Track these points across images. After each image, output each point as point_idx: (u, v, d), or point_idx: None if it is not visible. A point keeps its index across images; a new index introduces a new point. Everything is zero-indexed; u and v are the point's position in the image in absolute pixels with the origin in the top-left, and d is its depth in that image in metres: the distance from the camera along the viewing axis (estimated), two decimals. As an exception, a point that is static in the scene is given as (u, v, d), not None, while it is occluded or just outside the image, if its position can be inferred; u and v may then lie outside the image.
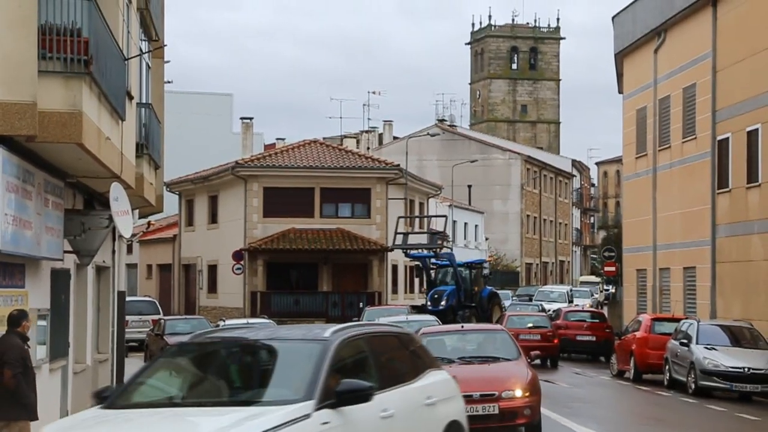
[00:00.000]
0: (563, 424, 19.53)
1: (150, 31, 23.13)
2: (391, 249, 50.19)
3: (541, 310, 45.65)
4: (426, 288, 47.07)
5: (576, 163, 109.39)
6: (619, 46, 43.00)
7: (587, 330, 39.27)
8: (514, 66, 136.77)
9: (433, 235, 48.72)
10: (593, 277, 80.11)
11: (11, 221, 13.44)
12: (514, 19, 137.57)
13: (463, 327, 21.51)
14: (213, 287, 56.72)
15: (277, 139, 73.50)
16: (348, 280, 52.61)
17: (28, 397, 12.90)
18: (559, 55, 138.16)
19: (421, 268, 46.89)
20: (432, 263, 46.34)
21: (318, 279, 52.59)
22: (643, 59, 40.49)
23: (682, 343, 27.11)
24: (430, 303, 43.59)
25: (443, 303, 43.03)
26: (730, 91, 32.82)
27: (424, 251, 47.25)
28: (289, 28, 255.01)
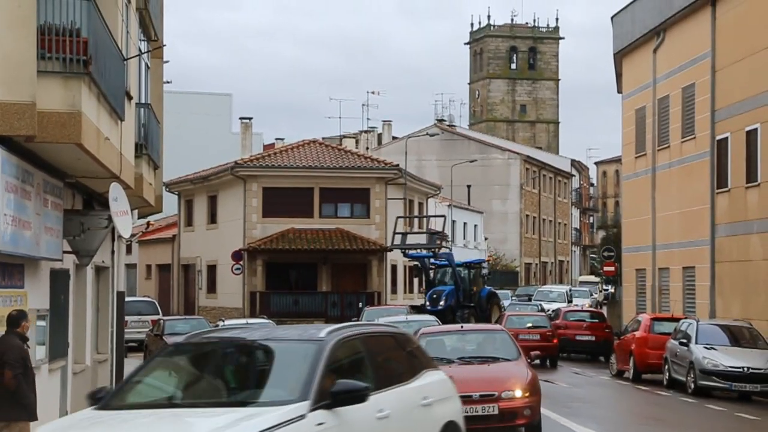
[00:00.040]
0: (563, 424, 19.52)
1: (149, 31, 23.13)
2: (390, 249, 50.19)
3: (540, 310, 45.65)
4: (425, 288, 47.05)
5: (575, 163, 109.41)
6: (618, 46, 43.01)
7: (586, 330, 39.27)
8: (513, 66, 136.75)
9: (432, 235, 48.71)
10: (592, 277, 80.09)
11: (10, 221, 13.44)
12: (513, 19, 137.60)
13: (462, 327, 21.47)
14: (212, 287, 56.70)
15: (277, 139, 73.54)
16: (347, 280, 52.58)
17: (28, 397, 12.90)
18: (558, 54, 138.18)
19: (419, 268, 46.85)
20: (431, 263, 46.34)
21: (317, 279, 52.57)
22: (642, 59, 40.49)
23: (681, 343, 27.11)
24: (428, 303, 43.57)
25: (442, 303, 43.03)
26: (729, 90, 32.82)
27: (422, 251, 47.26)
28: (288, 28, 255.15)
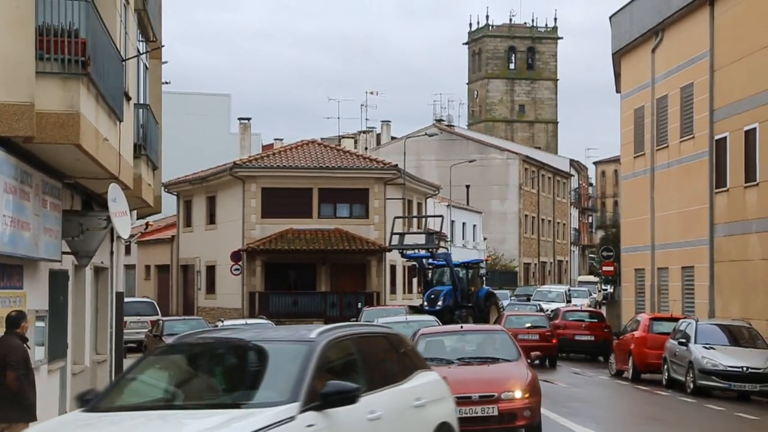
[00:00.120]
0: (562, 424, 19.51)
1: (147, 32, 23.14)
2: (389, 249, 50.19)
3: (539, 310, 45.67)
4: (423, 288, 47.00)
5: (574, 163, 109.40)
6: (617, 46, 43.01)
7: (586, 330, 39.28)
8: (512, 66, 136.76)
9: (430, 235, 48.69)
10: (591, 277, 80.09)
11: (9, 222, 13.44)
12: (511, 19, 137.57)
13: (462, 328, 21.38)
14: (211, 288, 56.68)
15: (275, 139, 73.50)
16: (346, 281, 52.56)
17: (30, 398, 12.88)
18: (557, 54, 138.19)
19: (418, 269, 46.79)
20: (429, 263, 46.30)
21: (316, 279, 52.56)
22: (641, 59, 40.49)
23: (680, 343, 27.11)
24: (426, 303, 43.53)
25: (440, 303, 42.98)
26: (727, 90, 32.82)
27: (420, 251, 47.22)
28: (287, 28, 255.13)
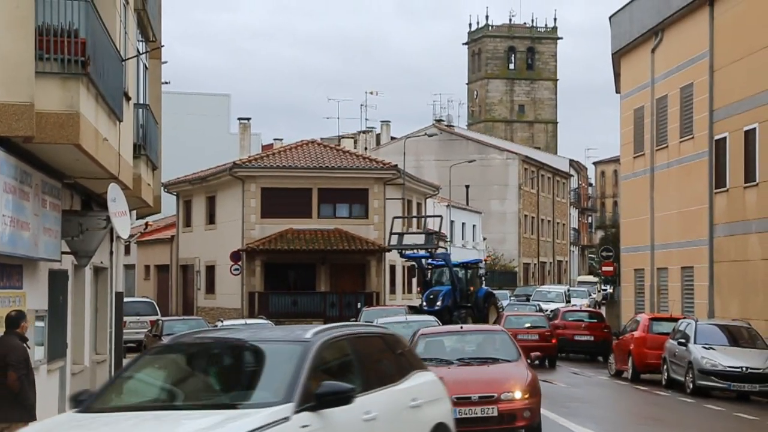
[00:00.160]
0: (561, 424, 19.50)
1: (147, 32, 23.13)
2: (388, 249, 50.18)
3: (539, 310, 45.67)
4: (421, 288, 46.96)
5: (573, 163, 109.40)
6: (617, 46, 43.01)
7: (585, 330, 39.30)
8: (512, 66, 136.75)
9: (429, 235, 48.64)
10: (591, 277, 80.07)
11: (9, 222, 13.44)
12: (511, 19, 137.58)
13: (462, 328, 21.34)
14: (211, 288, 56.69)
15: (275, 139, 73.48)
16: (346, 281, 52.57)
17: (31, 399, 12.88)
18: (557, 55, 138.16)
19: (417, 269, 46.72)
20: (427, 263, 46.26)
21: (316, 279, 52.55)
22: (641, 59, 40.49)
23: (680, 343, 27.11)
24: (425, 303, 43.48)
25: (439, 303, 42.92)
26: (727, 90, 32.82)
27: (419, 251, 47.16)
28: (286, 28, 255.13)
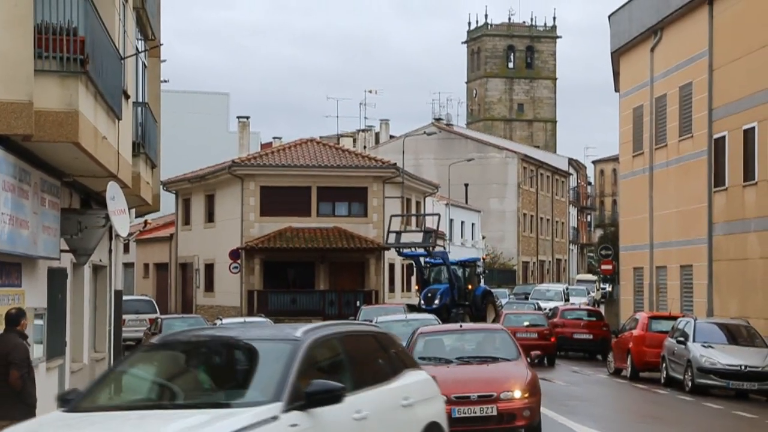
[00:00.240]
0: (560, 422, 19.50)
1: (146, 30, 23.13)
2: (387, 248, 50.15)
3: (537, 308, 45.67)
4: (419, 287, 46.93)
5: (572, 162, 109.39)
6: (616, 45, 43.00)
7: (584, 328, 39.35)
8: (511, 65, 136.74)
9: (427, 234, 48.58)
10: (590, 276, 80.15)
11: (8, 220, 13.44)
12: (510, 18, 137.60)
13: (461, 326, 21.26)
14: (210, 286, 56.70)
15: (274, 138, 73.49)
16: (345, 279, 52.57)
17: (32, 396, 12.87)
18: (556, 53, 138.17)
19: (415, 267, 46.65)
20: (425, 262, 46.19)
21: (315, 278, 52.56)
22: (640, 58, 40.48)
23: (679, 341, 27.12)
24: (423, 302, 43.41)
25: (437, 302, 42.83)
26: (726, 89, 32.82)
27: (417, 249, 47.07)
28: (285, 27, 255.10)
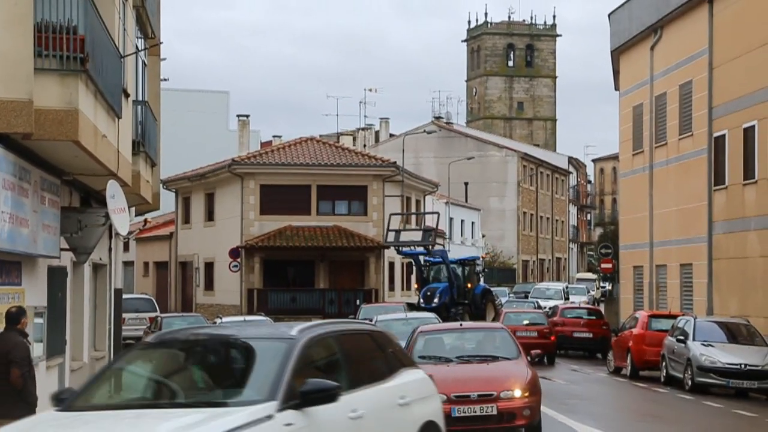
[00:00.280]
0: (560, 421, 19.50)
1: (146, 29, 23.12)
2: (387, 246, 50.13)
3: (537, 307, 45.67)
4: (419, 285, 46.89)
5: (572, 160, 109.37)
6: (616, 43, 42.99)
7: (584, 327, 39.36)
8: (511, 63, 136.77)
9: (426, 232, 48.54)
10: (590, 274, 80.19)
11: (7, 219, 13.44)
12: (510, 17, 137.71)
13: (461, 325, 21.23)
14: (210, 285, 56.70)
15: (274, 136, 73.61)
16: (345, 278, 52.57)
17: (33, 395, 12.86)
18: (556, 52, 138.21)
19: (414, 266, 46.60)
20: (425, 260, 46.15)
21: (315, 276, 52.56)
22: (640, 56, 40.47)
23: (678, 340, 27.12)
24: (422, 300, 43.38)
25: (436, 300, 42.78)
26: (726, 88, 32.81)
27: (416, 248, 47.03)
28: (285, 26, 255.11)
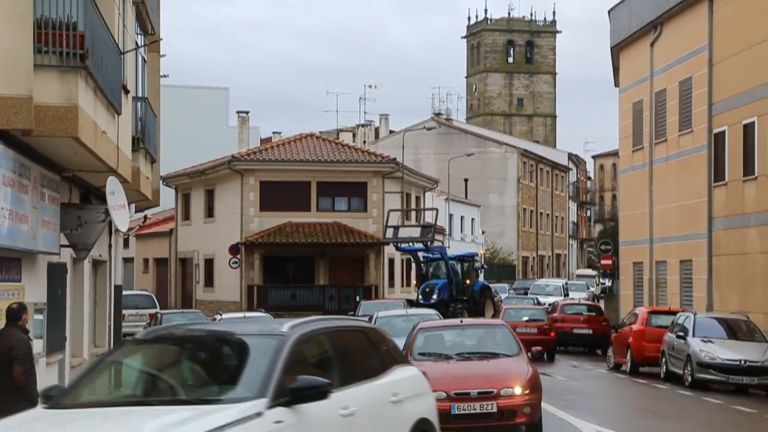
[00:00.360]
0: (560, 417, 19.49)
1: (146, 25, 23.11)
2: (386, 243, 50.10)
3: (537, 303, 45.67)
4: (417, 281, 46.85)
5: (572, 157, 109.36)
6: (615, 40, 42.97)
7: (584, 323, 39.39)
8: (511, 59, 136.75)
9: (425, 228, 48.50)
10: (590, 271, 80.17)
11: (7, 215, 13.44)
12: (510, 13, 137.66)
13: (462, 322, 21.21)
14: (210, 281, 56.67)
15: (274, 132, 73.59)
16: (344, 274, 52.55)
17: (34, 392, 12.86)
18: (555, 48, 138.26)
19: (413, 262, 46.56)
20: (423, 256, 46.11)
21: (314, 273, 52.54)
22: (639, 52, 40.47)
23: (678, 336, 27.14)
24: (421, 297, 43.30)
25: (435, 297, 42.71)
26: (726, 84, 32.82)
27: (415, 244, 46.98)
28: (285, 22, 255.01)
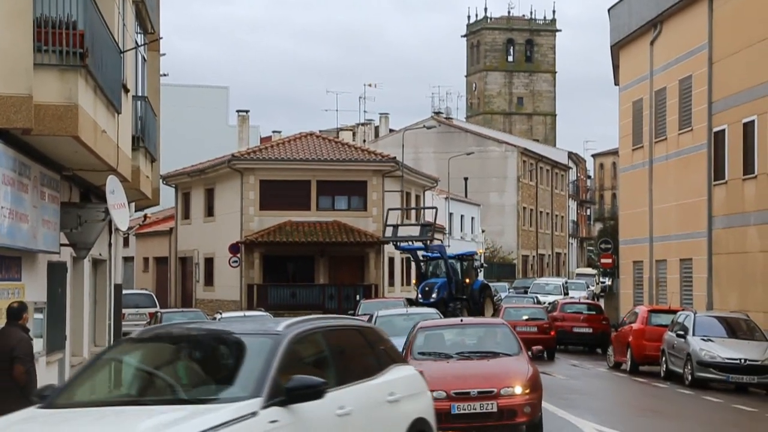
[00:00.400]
0: (560, 416, 19.50)
1: (145, 24, 23.11)
2: (386, 241, 50.09)
3: (537, 302, 45.67)
4: (416, 280, 46.84)
5: (572, 155, 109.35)
6: (615, 38, 42.97)
7: (584, 322, 39.37)
8: (510, 58, 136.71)
9: (424, 227, 48.49)
10: (589, 269, 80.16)
11: (7, 214, 13.44)
12: (510, 12, 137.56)
13: (462, 321, 21.19)
14: (210, 280, 56.68)
15: (273, 131, 73.54)
16: (344, 273, 52.55)
17: (36, 391, 12.85)
18: (555, 47, 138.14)
19: (412, 261, 46.55)
20: (423, 255, 46.10)
21: (314, 271, 52.55)
22: (639, 51, 40.47)
23: (678, 335, 27.14)
24: (421, 296, 43.30)
25: (434, 295, 42.71)
26: (726, 82, 32.82)
27: (414, 243, 46.96)
28: (285, 21, 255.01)
